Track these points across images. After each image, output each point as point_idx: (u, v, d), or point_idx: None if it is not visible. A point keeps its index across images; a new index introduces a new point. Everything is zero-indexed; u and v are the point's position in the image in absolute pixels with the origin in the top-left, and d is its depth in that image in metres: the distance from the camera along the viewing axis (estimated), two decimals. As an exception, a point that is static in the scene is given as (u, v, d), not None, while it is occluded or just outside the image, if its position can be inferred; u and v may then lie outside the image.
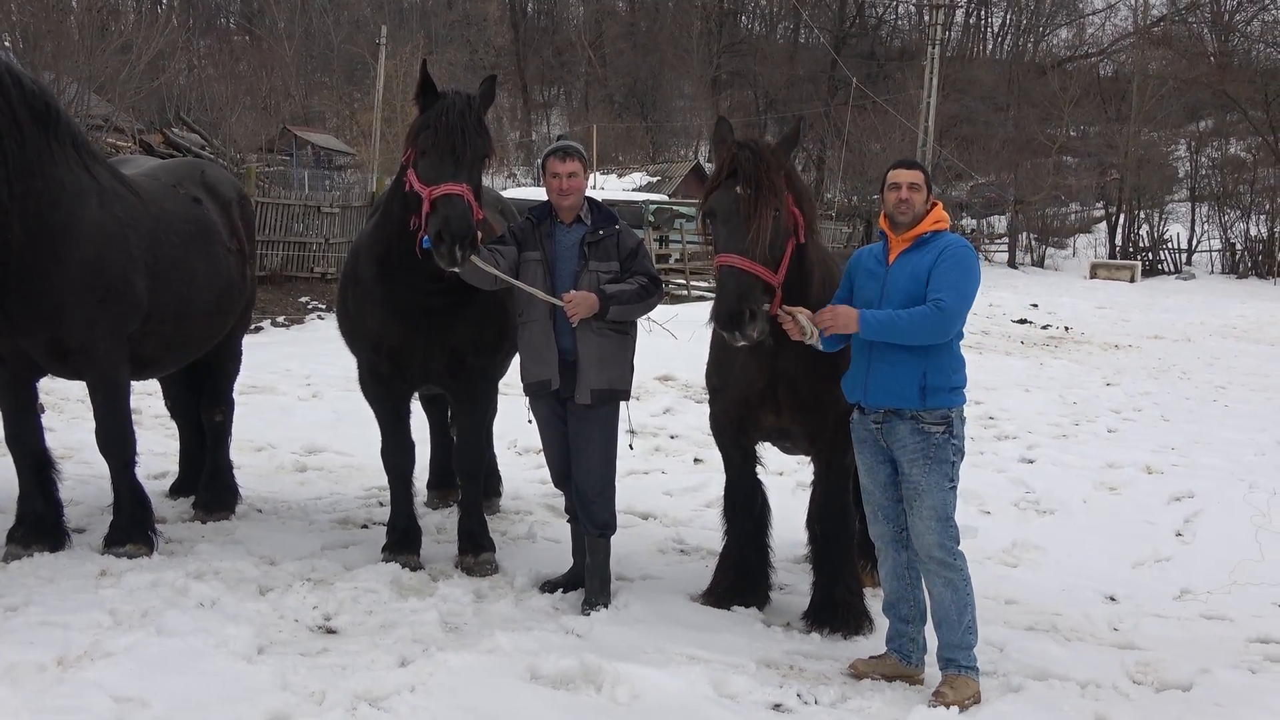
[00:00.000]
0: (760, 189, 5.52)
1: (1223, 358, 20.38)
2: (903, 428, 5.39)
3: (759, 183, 5.53)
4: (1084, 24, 71.14)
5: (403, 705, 4.66)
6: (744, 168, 5.57)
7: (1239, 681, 5.83)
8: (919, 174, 5.52)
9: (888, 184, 5.53)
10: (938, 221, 5.50)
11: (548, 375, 6.12)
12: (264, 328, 18.61)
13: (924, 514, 5.35)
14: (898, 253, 5.51)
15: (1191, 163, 55.29)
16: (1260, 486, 10.00)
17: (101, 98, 26.95)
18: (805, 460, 7.60)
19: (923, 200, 5.48)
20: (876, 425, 5.49)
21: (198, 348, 7.32)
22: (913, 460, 5.37)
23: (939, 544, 5.34)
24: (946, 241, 5.47)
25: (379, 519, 7.59)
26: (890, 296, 5.43)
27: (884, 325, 5.29)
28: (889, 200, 5.51)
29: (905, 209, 5.45)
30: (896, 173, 5.53)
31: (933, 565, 5.38)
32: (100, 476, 7.28)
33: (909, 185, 5.46)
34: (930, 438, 5.33)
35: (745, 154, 5.61)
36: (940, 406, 5.36)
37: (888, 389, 5.39)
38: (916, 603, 5.62)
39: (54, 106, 6.17)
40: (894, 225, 5.53)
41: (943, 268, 5.34)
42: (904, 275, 5.43)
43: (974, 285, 5.42)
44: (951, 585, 5.36)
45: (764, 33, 76.15)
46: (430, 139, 5.85)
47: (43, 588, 5.83)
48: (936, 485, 5.34)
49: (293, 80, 45.42)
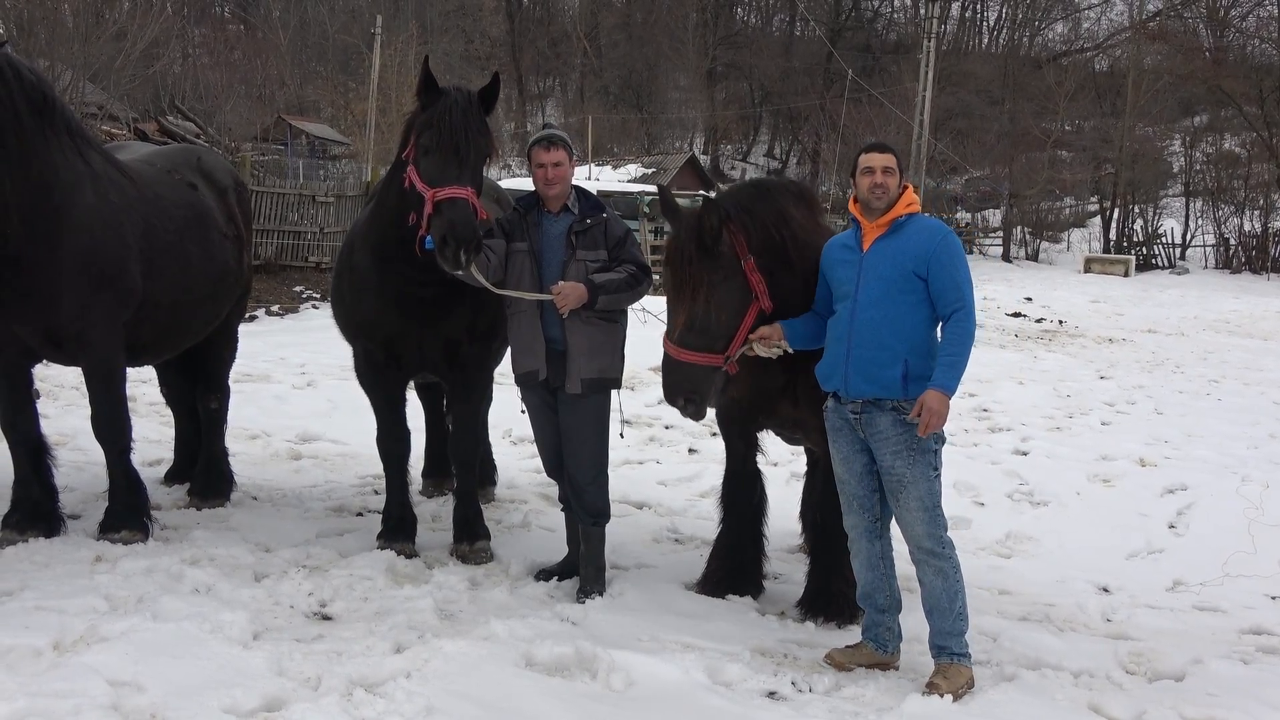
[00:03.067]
0: (684, 275, 5.55)
1: (1216, 352, 20.39)
2: (883, 420, 5.31)
3: (687, 266, 5.54)
4: (1079, 18, 71.37)
5: (398, 691, 4.67)
6: (670, 254, 5.65)
7: (1231, 672, 5.85)
8: (891, 157, 5.43)
9: (860, 168, 5.42)
10: (910, 204, 5.42)
11: (535, 366, 6.13)
12: (258, 317, 18.60)
13: (910, 505, 5.31)
14: (873, 238, 5.41)
15: (1186, 158, 55.27)
16: (1253, 479, 10.02)
17: (96, 85, 26.91)
18: (800, 452, 7.62)
19: (896, 184, 5.39)
20: (855, 415, 5.41)
21: (193, 334, 7.31)
22: (895, 453, 5.30)
23: (927, 534, 5.31)
24: (927, 228, 5.40)
25: (374, 507, 7.59)
26: (868, 283, 5.34)
27: (959, 368, 5.21)
28: (862, 185, 5.39)
29: (880, 194, 5.35)
30: (869, 156, 5.42)
31: (922, 555, 5.36)
32: (95, 463, 7.27)
33: (883, 169, 5.36)
34: (912, 429, 5.24)
35: (675, 243, 5.67)
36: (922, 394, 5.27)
37: (870, 377, 5.31)
38: (892, 592, 5.61)
39: (50, 95, 6.15)
40: (867, 211, 5.44)
41: (942, 269, 5.25)
42: (883, 261, 5.34)
43: (968, 269, 5.41)
44: (942, 574, 5.34)
45: (759, 25, 76.24)
46: (433, 139, 5.82)
47: (38, 573, 5.84)
48: (921, 475, 5.29)
49: (287, 69, 45.38)
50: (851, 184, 5.53)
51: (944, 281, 5.27)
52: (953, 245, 5.37)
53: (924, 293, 5.31)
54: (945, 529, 5.40)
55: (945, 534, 5.38)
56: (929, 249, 5.29)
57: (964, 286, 5.30)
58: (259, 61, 42.92)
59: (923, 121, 38.55)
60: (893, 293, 5.30)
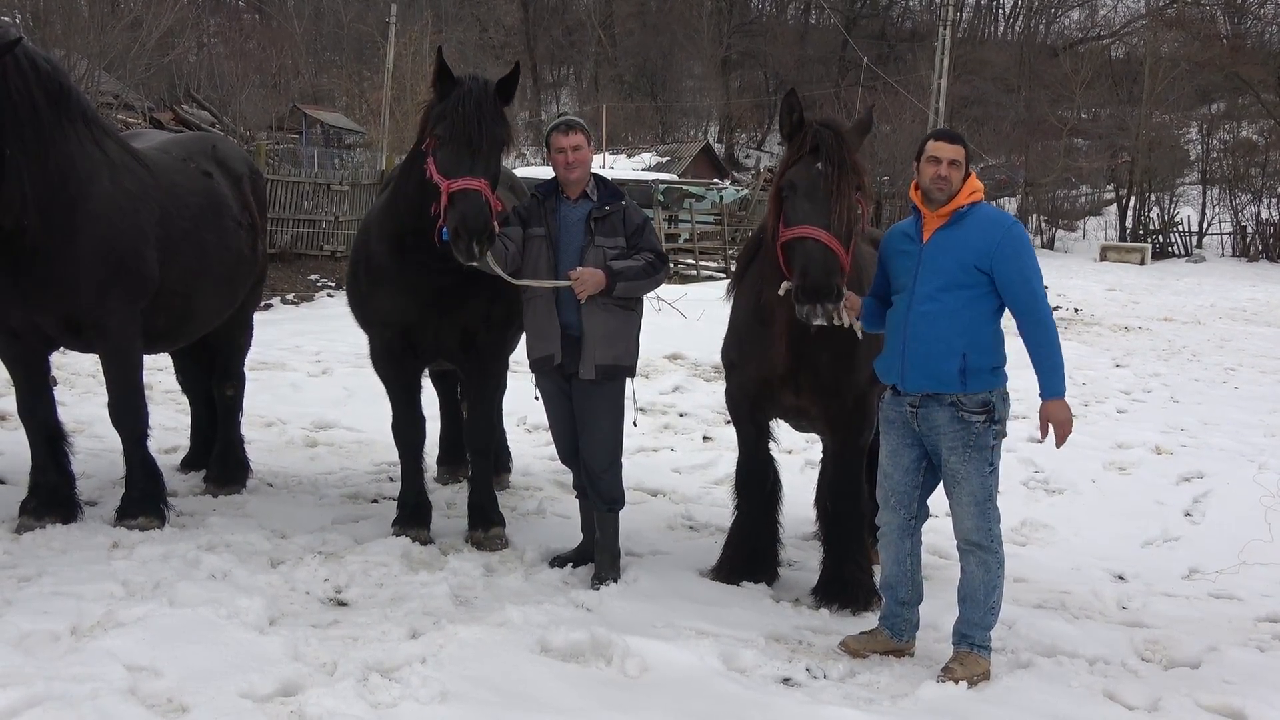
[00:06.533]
0: (843, 168, 5.42)
1: (1233, 340, 20.32)
2: (941, 414, 5.21)
3: (841, 161, 5.43)
4: (1096, 6, 70.84)
5: (414, 676, 4.68)
6: (827, 145, 5.45)
7: (1247, 659, 5.83)
8: (960, 149, 5.22)
9: (925, 155, 5.24)
10: (974, 193, 5.25)
11: (550, 350, 6.12)
12: (274, 305, 18.67)
13: (963, 500, 5.24)
14: (934, 229, 5.26)
15: (1203, 145, 54.99)
16: (1270, 467, 9.98)
17: (111, 75, 26.97)
18: (815, 439, 7.61)
19: (960, 178, 5.22)
20: (912, 409, 5.31)
21: (209, 321, 7.33)
22: (952, 448, 5.21)
23: (976, 528, 5.24)
24: (991, 219, 5.26)
25: (389, 494, 7.61)
26: (928, 274, 5.22)
27: (1060, 368, 5.19)
28: (926, 174, 5.23)
29: (943, 185, 5.19)
30: (937, 145, 5.24)
31: (968, 547, 5.29)
32: (112, 450, 7.30)
33: (950, 162, 5.18)
34: (970, 426, 5.16)
35: (828, 132, 5.50)
36: (981, 389, 5.18)
37: (927, 372, 5.20)
38: (915, 586, 5.58)
39: (66, 85, 6.16)
40: (928, 200, 5.28)
41: (1008, 264, 5.13)
42: (944, 253, 5.20)
43: (1036, 260, 5.29)
44: (985, 566, 5.27)
45: (774, 13, 75.96)
46: (448, 130, 5.80)
47: (56, 559, 5.86)
48: (976, 471, 5.19)
49: (302, 58, 45.43)
50: (915, 168, 5.36)
51: (1012, 277, 5.14)
52: (1018, 238, 5.23)
53: (986, 286, 5.18)
54: (997, 522, 5.29)
55: (996, 528, 5.28)
56: (993, 243, 5.15)
57: (1034, 281, 5.19)
58: (274, 50, 42.99)
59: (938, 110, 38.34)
60: (951, 286, 5.17)
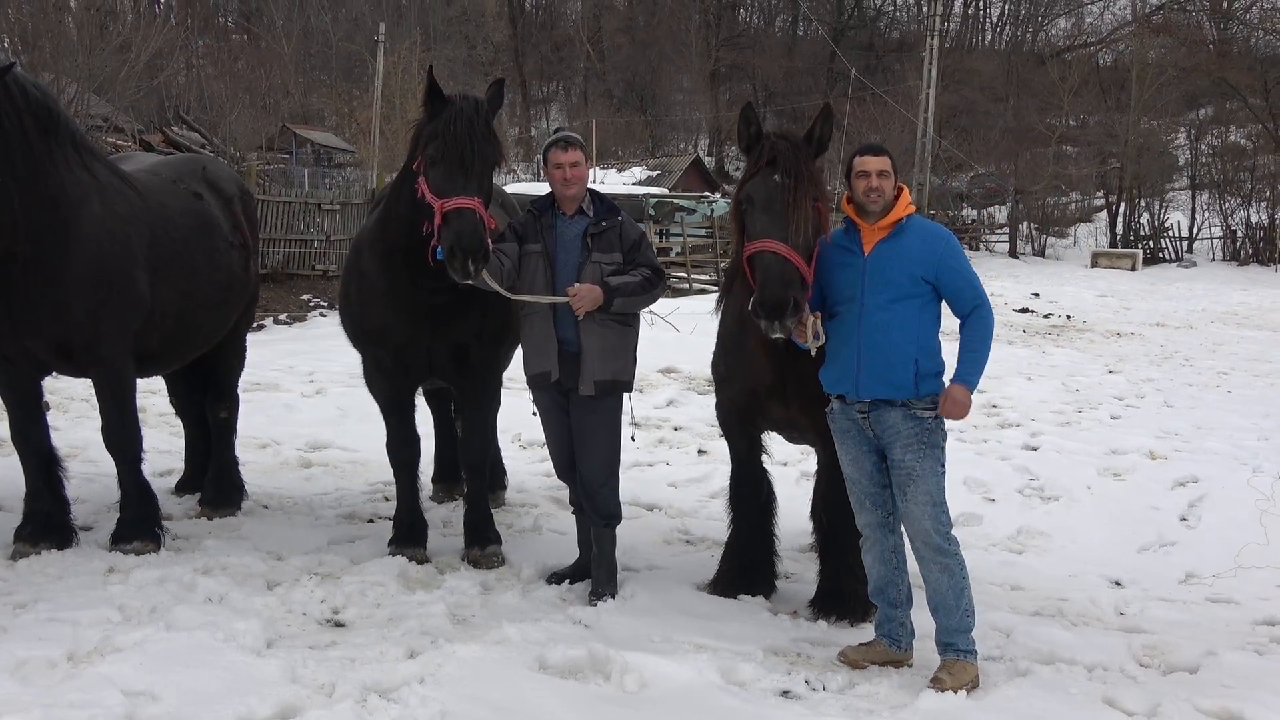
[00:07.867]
0: (800, 179, 5.49)
1: (1225, 344, 20.35)
2: (893, 414, 5.38)
3: (798, 172, 5.50)
4: (1083, 13, 71.24)
5: (412, 696, 4.68)
6: (783, 156, 5.53)
7: (1245, 663, 5.83)
8: (886, 160, 5.46)
9: (855, 171, 5.45)
10: (909, 205, 5.50)
11: (548, 367, 6.13)
12: (266, 325, 18.62)
13: (919, 499, 5.34)
14: (875, 241, 5.44)
15: (1192, 151, 55.23)
16: (1264, 471, 9.97)
17: (101, 98, 26.96)
18: (809, 451, 7.61)
19: (891, 186, 5.44)
20: (863, 414, 5.47)
21: (201, 343, 7.33)
22: (907, 446, 5.36)
23: (934, 529, 5.34)
24: (930, 232, 5.52)
25: (385, 514, 7.60)
26: (876, 285, 5.39)
27: (981, 364, 5.36)
28: (858, 188, 5.44)
29: (876, 197, 5.40)
30: (864, 159, 5.44)
31: (928, 552, 5.37)
32: (106, 474, 7.30)
33: (878, 173, 5.40)
34: (923, 423, 5.35)
35: (784, 144, 5.59)
36: (932, 392, 5.38)
37: (882, 379, 5.37)
38: (903, 586, 5.63)
39: (55, 111, 6.18)
40: (863, 213, 5.48)
41: (953, 273, 5.41)
42: (890, 264, 5.39)
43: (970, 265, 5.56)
44: (947, 570, 5.36)
45: (762, 25, 76.30)
46: (440, 149, 5.82)
47: (51, 585, 5.86)
48: (930, 470, 5.35)
49: (291, 78, 45.36)
50: (845, 185, 5.57)
51: (958, 283, 5.42)
52: (956, 247, 5.55)
53: (930, 295, 5.43)
54: (951, 525, 5.45)
55: (951, 530, 5.43)
56: (936, 254, 5.41)
57: (976, 284, 5.46)
58: (263, 71, 42.93)
59: (927, 119, 38.52)
60: (901, 297, 5.38)
